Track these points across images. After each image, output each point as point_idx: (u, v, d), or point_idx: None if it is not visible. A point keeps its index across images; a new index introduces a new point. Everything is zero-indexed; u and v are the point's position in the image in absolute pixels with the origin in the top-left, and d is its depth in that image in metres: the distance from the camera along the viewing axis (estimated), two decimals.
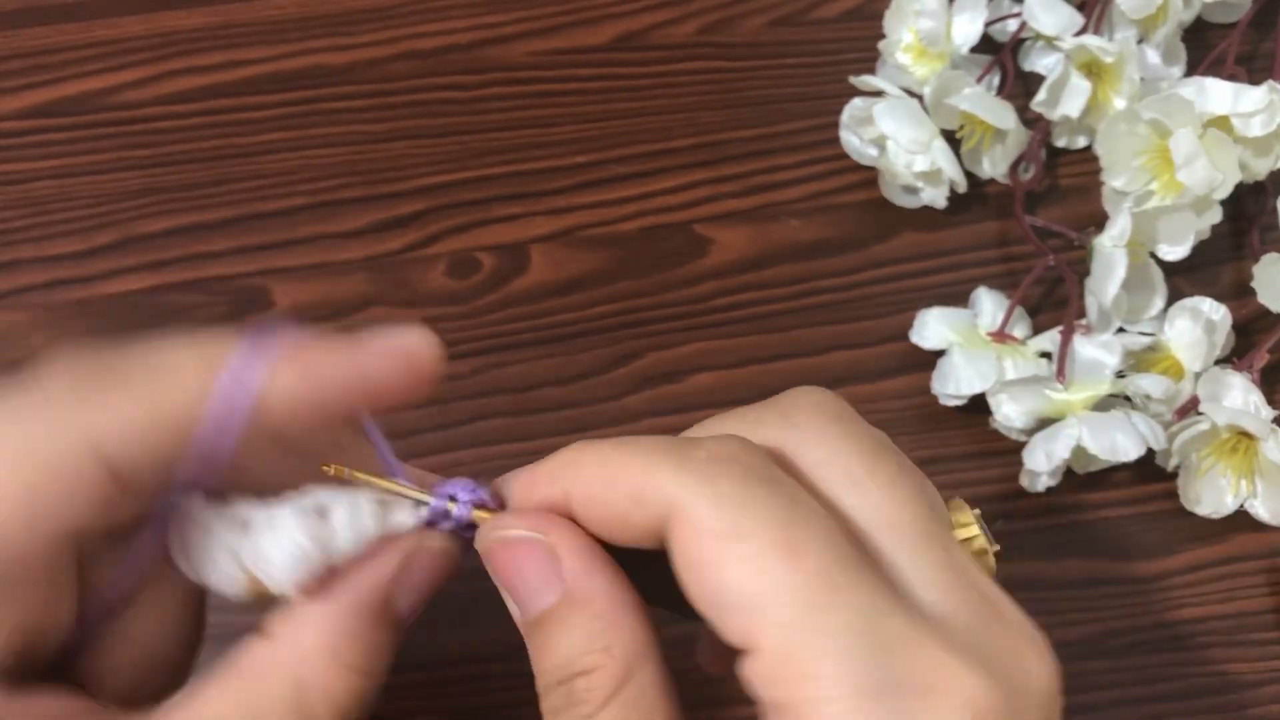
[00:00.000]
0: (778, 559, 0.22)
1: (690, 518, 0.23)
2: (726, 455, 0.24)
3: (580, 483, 0.25)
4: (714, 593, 0.23)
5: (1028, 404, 0.38)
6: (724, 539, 0.22)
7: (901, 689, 0.21)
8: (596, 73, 0.47)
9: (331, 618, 0.25)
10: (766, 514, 0.23)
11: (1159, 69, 0.46)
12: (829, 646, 0.21)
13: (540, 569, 0.25)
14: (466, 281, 0.43)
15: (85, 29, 0.47)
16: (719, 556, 0.22)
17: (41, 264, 0.43)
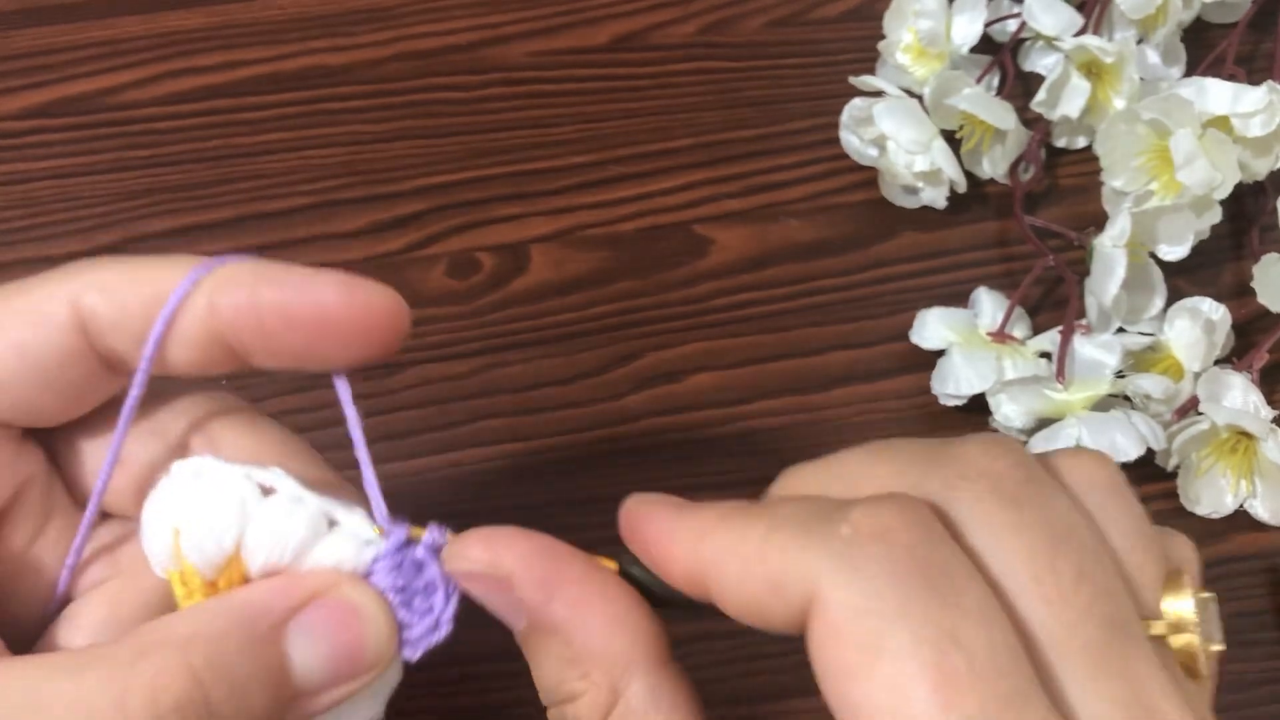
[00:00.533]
0: (927, 692, 0.19)
1: (831, 617, 0.20)
2: (879, 532, 0.20)
3: (715, 564, 0.22)
4: (849, 708, 0.19)
5: (1027, 404, 0.38)
6: (867, 652, 0.19)
7: None
8: (596, 73, 0.47)
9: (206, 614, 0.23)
10: (919, 626, 0.19)
11: (1159, 69, 0.46)
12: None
13: (504, 599, 0.23)
14: (466, 281, 0.43)
15: (85, 29, 0.47)
16: (858, 670, 0.19)
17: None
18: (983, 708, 0.18)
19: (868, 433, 0.40)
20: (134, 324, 0.24)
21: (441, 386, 0.41)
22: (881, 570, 0.20)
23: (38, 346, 0.24)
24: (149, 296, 0.24)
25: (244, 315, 0.24)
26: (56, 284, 0.24)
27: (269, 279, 0.24)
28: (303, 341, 0.24)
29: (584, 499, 0.39)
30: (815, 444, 0.40)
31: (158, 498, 0.24)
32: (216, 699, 0.21)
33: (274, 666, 0.22)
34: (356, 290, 0.24)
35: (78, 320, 0.24)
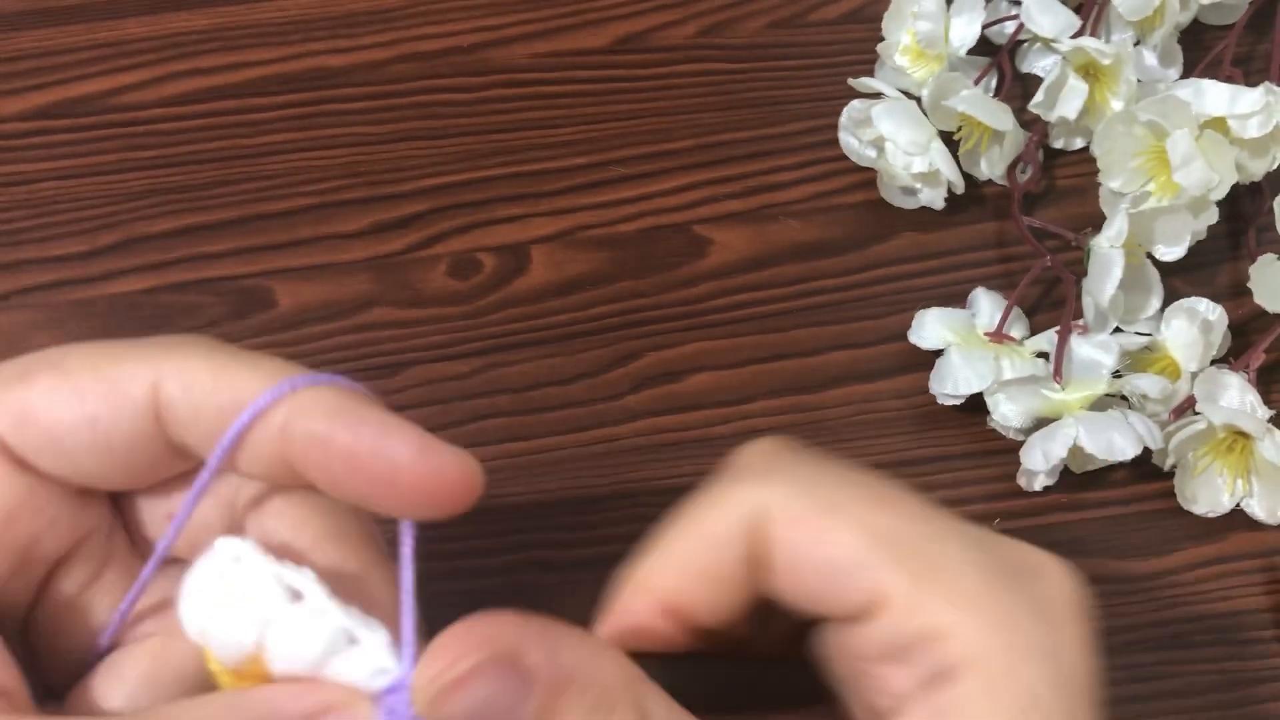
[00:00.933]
0: (879, 513, 0.23)
1: (781, 513, 0.23)
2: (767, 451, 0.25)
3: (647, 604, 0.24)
4: (826, 568, 0.23)
5: (1025, 404, 0.38)
6: (823, 514, 0.23)
7: (1019, 573, 0.23)
8: (597, 74, 0.47)
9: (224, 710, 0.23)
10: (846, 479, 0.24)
11: (1156, 71, 0.46)
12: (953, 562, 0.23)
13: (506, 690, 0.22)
14: (467, 282, 0.43)
15: (88, 31, 0.48)
16: (822, 532, 0.23)
17: (45, 264, 0.43)
18: (918, 509, 0.24)
19: (866, 432, 0.40)
20: (208, 424, 0.24)
21: (442, 386, 0.41)
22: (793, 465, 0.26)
23: (111, 423, 0.24)
24: (228, 402, 0.24)
25: (314, 450, 0.23)
26: (142, 362, 0.24)
27: (346, 419, 0.23)
28: (368, 490, 0.24)
29: (584, 499, 0.39)
30: (814, 443, 0.41)
31: (193, 578, 0.23)
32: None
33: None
34: (431, 454, 0.23)
35: (154, 405, 0.24)
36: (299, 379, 0.24)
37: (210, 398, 0.23)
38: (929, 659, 0.22)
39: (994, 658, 0.22)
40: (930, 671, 0.22)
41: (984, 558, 0.23)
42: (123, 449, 0.24)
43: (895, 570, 0.23)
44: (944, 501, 0.39)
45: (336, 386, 0.24)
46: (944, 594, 0.23)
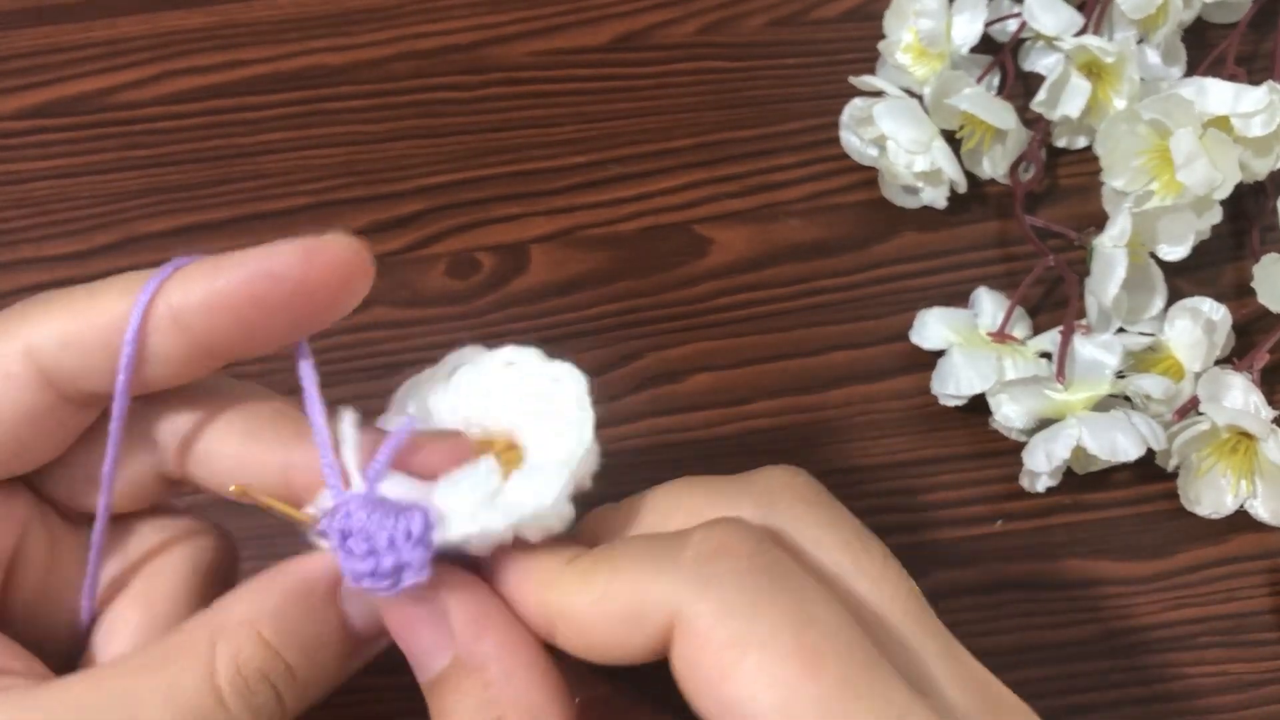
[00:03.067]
0: (796, 668, 0.21)
1: (694, 629, 0.21)
2: (720, 549, 0.22)
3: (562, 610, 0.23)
4: (726, 708, 0.21)
5: (1028, 404, 0.38)
6: (734, 649, 0.21)
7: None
8: (596, 73, 0.47)
9: (262, 592, 0.24)
10: (776, 616, 0.21)
11: (1159, 69, 0.46)
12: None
13: (432, 631, 0.24)
14: (466, 282, 0.43)
15: (85, 29, 0.47)
16: (729, 669, 0.21)
17: (41, 264, 0.43)
18: (845, 673, 0.21)
19: (867, 433, 0.40)
20: (97, 360, 0.24)
21: None
22: (734, 580, 0.22)
23: (4, 409, 0.24)
24: (105, 327, 0.24)
25: (212, 313, 0.24)
26: (7, 339, 0.24)
27: (225, 269, 0.24)
28: (276, 318, 0.24)
29: (584, 499, 0.39)
30: (815, 444, 0.40)
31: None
32: (293, 661, 0.23)
33: (335, 625, 0.24)
34: (314, 252, 0.24)
35: (40, 373, 0.24)
36: (156, 272, 0.24)
37: (88, 333, 0.24)
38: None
39: None
40: None
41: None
42: (27, 427, 0.24)
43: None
44: (946, 502, 0.40)
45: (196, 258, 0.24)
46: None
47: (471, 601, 0.24)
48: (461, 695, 0.23)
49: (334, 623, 0.24)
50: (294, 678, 0.23)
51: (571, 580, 0.23)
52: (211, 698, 0.22)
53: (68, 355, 0.24)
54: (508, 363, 0.25)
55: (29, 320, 0.24)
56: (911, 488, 0.40)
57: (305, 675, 0.23)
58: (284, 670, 0.23)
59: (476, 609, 0.24)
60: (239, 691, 0.22)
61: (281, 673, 0.23)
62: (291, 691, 0.23)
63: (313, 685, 0.24)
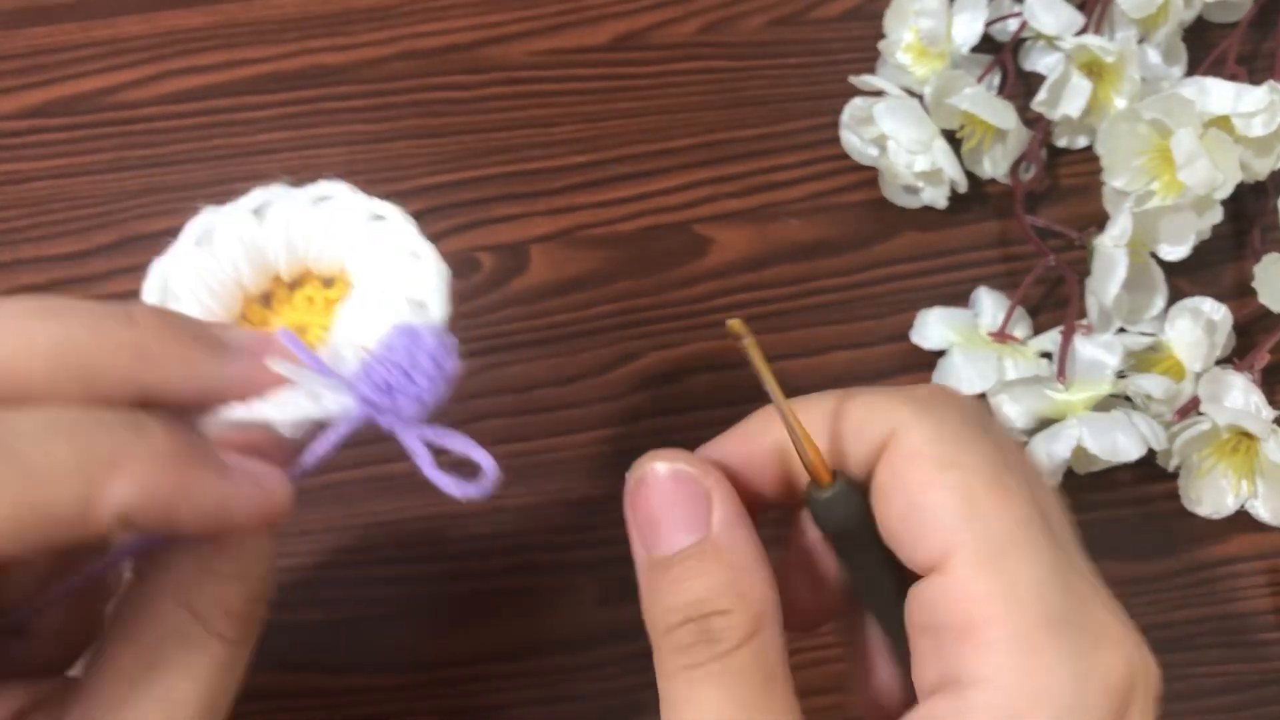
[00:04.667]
0: (990, 495, 0.24)
1: (910, 442, 0.24)
2: (946, 398, 0.26)
3: (805, 419, 0.26)
4: (917, 512, 0.24)
5: (1028, 404, 0.38)
6: (941, 465, 0.24)
7: (1082, 630, 0.23)
8: (596, 73, 0.47)
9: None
10: (982, 453, 0.24)
11: (1160, 69, 0.46)
12: (1022, 577, 0.23)
13: (691, 509, 0.25)
14: (466, 281, 0.43)
15: (84, 29, 0.47)
16: (931, 480, 0.24)
17: (41, 264, 0.42)
18: (1026, 512, 0.24)
19: None
20: None
21: None
22: (949, 414, 0.25)
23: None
24: None
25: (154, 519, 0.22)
26: None
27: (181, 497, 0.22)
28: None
29: (584, 500, 0.39)
30: None
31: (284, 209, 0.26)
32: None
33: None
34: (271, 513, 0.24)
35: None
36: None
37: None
38: (955, 659, 0.23)
39: (1010, 691, 0.22)
40: (951, 672, 0.23)
41: (1054, 594, 0.23)
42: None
43: (970, 557, 0.23)
44: None
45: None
46: (995, 606, 0.23)
47: (731, 491, 0.26)
48: (706, 571, 0.25)
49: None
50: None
51: (809, 402, 0.26)
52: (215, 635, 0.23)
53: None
54: (321, 197, 0.24)
55: None
56: None
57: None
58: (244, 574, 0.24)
59: (735, 499, 0.25)
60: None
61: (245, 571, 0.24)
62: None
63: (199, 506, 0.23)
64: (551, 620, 0.37)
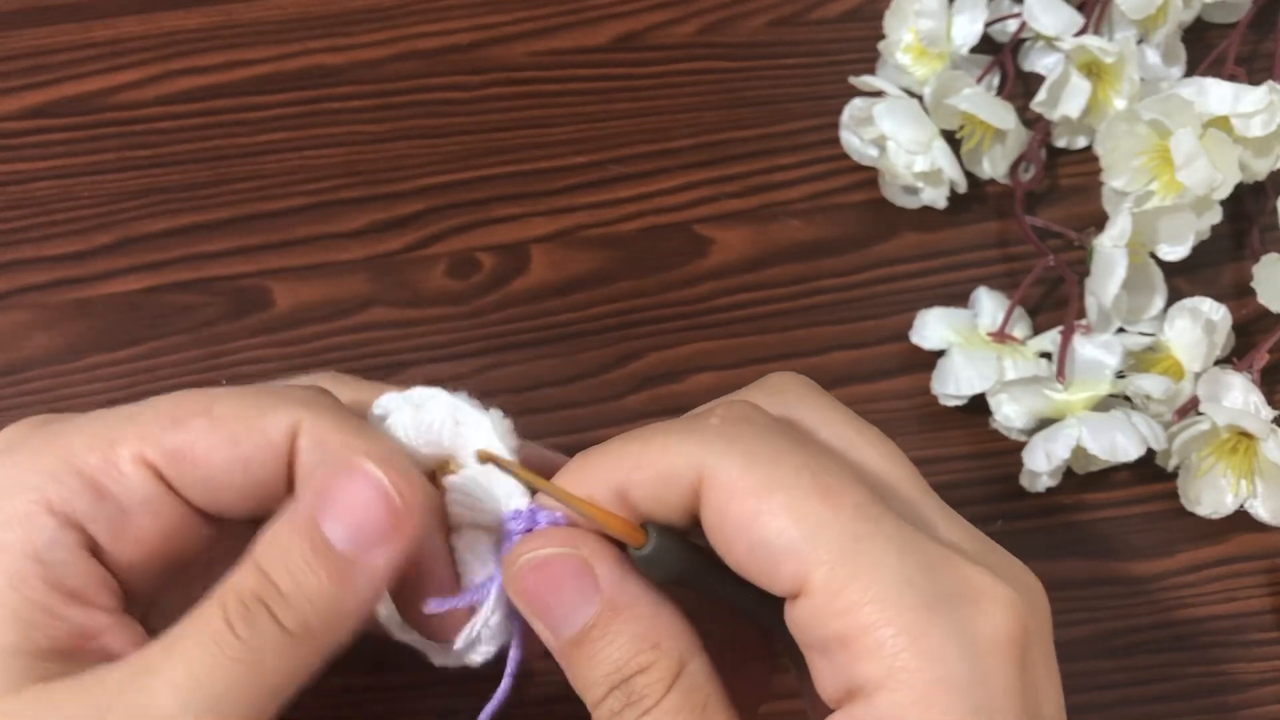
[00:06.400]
0: (816, 502, 0.24)
1: (722, 481, 0.24)
2: (740, 416, 0.26)
3: (601, 484, 0.26)
4: (758, 546, 0.24)
5: (1028, 404, 0.38)
6: (760, 493, 0.24)
7: (954, 599, 0.23)
8: (597, 73, 0.47)
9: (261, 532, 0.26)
10: (795, 463, 0.24)
11: (1159, 69, 0.46)
12: (881, 571, 0.23)
13: (578, 584, 0.25)
14: (466, 282, 0.43)
15: (85, 29, 0.47)
16: (757, 510, 0.24)
17: (42, 264, 0.43)
18: (859, 502, 0.24)
19: None
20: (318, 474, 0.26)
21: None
22: (755, 437, 0.25)
23: (260, 465, 0.27)
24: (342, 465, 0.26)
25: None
26: (285, 413, 0.27)
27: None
28: None
29: None
30: None
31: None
32: (280, 581, 0.25)
33: (316, 545, 0.25)
34: None
35: (290, 451, 0.27)
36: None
37: (331, 457, 0.26)
38: (849, 669, 0.23)
39: (911, 684, 0.23)
40: (851, 682, 0.24)
41: (916, 574, 0.23)
42: (263, 487, 0.27)
43: (822, 570, 0.23)
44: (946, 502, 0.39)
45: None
46: (866, 612, 0.23)
47: (609, 549, 0.26)
48: (615, 635, 0.25)
49: (315, 542, 0.25)
50: (283, 596, 0.25)
51: (602, 460, 0.26)
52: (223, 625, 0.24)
53: (309, 459, 0.27)
54: (419, 404, 0.29)
55: (309, 410, 0.27)
56: None
57: (294, 593, 0.25)
58: (273, 590, 0.25)
59: (616, 555, 0.25)
60: (240, 615, 0.24)
61: (272, 593, 0.25)
62: (285, 610, 0.25)
63: (307, 605, 0.25)
64: None
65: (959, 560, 0.24)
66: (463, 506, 0.28)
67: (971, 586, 0.24)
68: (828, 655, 0.24)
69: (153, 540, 0.27)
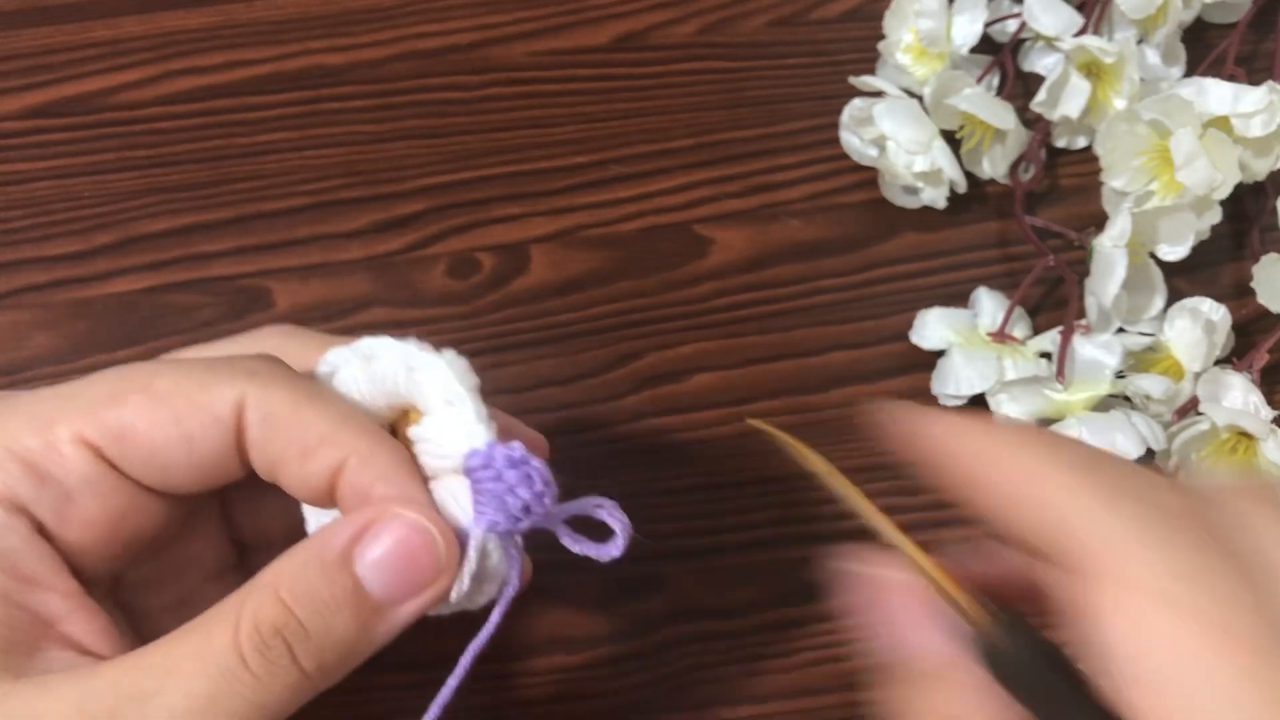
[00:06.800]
0: (1221, 652, 0.19)
1: (1126, 575, 0.20)
2: (1177, 508, 0.20)
3: (988, 485, 0.22)
4: (1135, 659, 0.19)
5: (1028, 404, 0.38)
6: (1173, 608, 0.19)
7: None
8: (597, 73, 0.47)
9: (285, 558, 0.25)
10: (1236, 598, 0.19)
11: (1159, 69, 0.46)
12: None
13: (924, 630, 0.23)
14: (466, 282, 0.43)
15: (85, 29, 0.47)
16: (1162, 627, 0.19)
17: (42, 264, 0.43)
18: (1266, 660, 0.18)
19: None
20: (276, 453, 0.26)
21: None
22: (1189, 541, 0.20)
23: (203, 441, 0.26)
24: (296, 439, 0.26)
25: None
26: (229, 386, 0.26)
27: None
28: None
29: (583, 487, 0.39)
30: (815, 444, 0.40)
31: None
32: (305, 619, 0.24)
33: (349, 587, 0.25)
34: None
35: (237, 425, 0.26)
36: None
37: (283, 431, 0.26)
38: None
39: None
40: None
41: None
42: (211, 462, 0.26)
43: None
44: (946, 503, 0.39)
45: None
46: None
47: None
48: (947, 695, 0.22)
49: (347, 584, 0.25)
50: (307, 635, 0.24)
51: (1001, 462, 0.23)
52: (235, 655, 0.24)
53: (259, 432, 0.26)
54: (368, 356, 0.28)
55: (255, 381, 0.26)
56: (912, 488, 0.39)
57: (319, 634, 0.24)
58: (297, 627, 0.24)
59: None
60: (256, 648, 0.24)
61: (295, 629, 0.24)
62: (305, 649, 0.24)
63: (328, 648, 0.25)
64: (552, 620, 0.37)
65: None
66: (432, 456, 0.27)
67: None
68: None
69: (102, 521, 0.26)
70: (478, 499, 0.26)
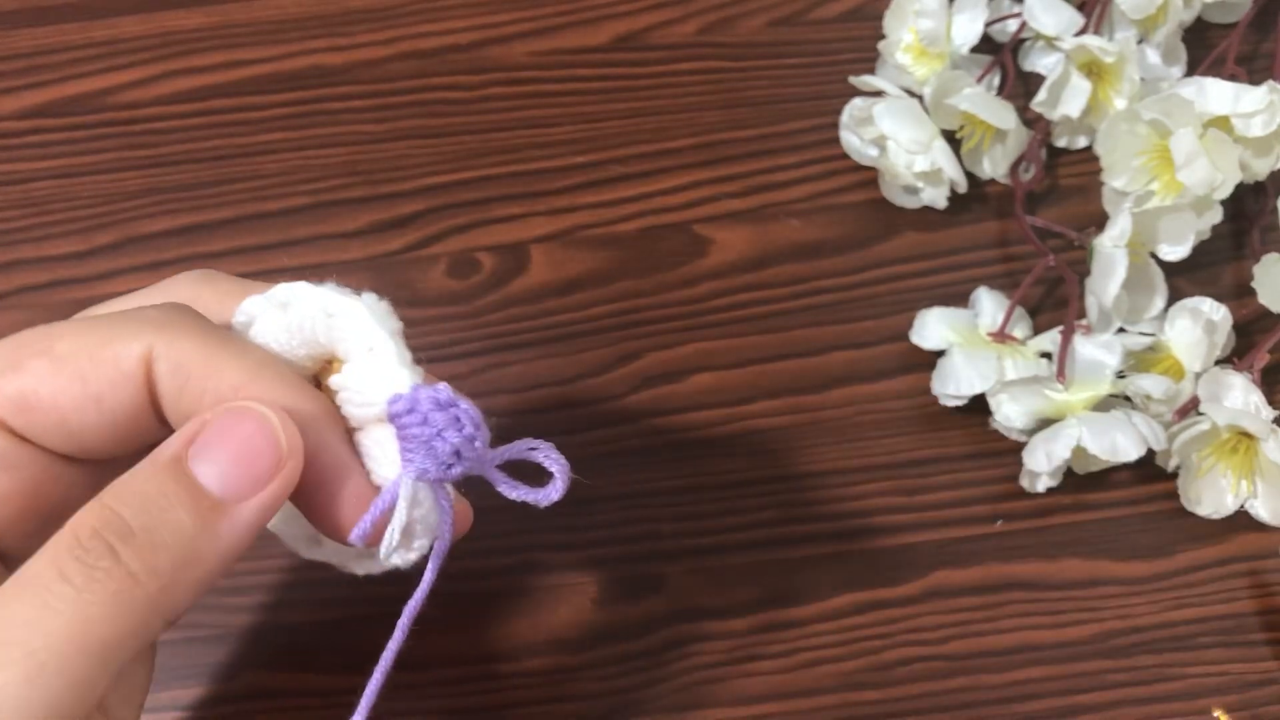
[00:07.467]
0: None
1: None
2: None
3: None
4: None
5: (1028, 404, 0.38)
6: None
7: None
8: (596, 73, 0.47)
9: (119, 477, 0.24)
10: None
11: (1159, 69, 0.46)
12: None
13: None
14: (466, 282, 0.43)
15: (84, 29, 0.47)
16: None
17: (41, 264, 0.43)
18: None
19: (867, 433, 0.40)
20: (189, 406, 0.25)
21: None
22: None
23: (113, 400, 0.25)
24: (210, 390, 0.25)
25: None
26: (134, 339, 0.25)
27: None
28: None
29: (584, 500, 0.39)
30: (815, 444, 0.40)
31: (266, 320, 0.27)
32: (130, 516, 0.23)
33: (184, 484, 0.23)
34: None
35: (147, 379, 0.25)
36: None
37: (196, 383, 0.24)
38: None
39: None
40: None
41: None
42: (126, 421, 0.25)
43: None
44: (946, 502, 0.40)
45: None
46: None
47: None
48: None
49: (181, 480, 0.23)
50: (132, 532, 0.23)
51: None
52: (52, 568, 0.22)
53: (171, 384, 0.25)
54: (284, 304, 0.26)
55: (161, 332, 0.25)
56: (911, 488, 0.40)
57: (146, 531, 0.23)
58: (120, 524, 0.23)
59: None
60: (73, 554, 0.22)
61: (118, 526, 0.23)
62: (131, 549, 0.23)
63: (160, 547, 0.23)
64: (552, 620, 0.37)
65: None
66: (355, 405, 0.26)
67: None
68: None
69: (16, 495, 0.25)
70: (405, 446, 0.25)
